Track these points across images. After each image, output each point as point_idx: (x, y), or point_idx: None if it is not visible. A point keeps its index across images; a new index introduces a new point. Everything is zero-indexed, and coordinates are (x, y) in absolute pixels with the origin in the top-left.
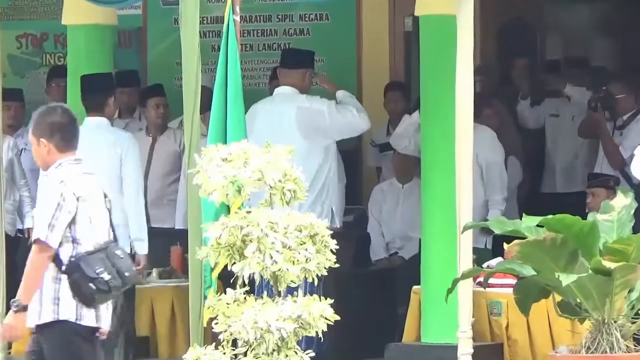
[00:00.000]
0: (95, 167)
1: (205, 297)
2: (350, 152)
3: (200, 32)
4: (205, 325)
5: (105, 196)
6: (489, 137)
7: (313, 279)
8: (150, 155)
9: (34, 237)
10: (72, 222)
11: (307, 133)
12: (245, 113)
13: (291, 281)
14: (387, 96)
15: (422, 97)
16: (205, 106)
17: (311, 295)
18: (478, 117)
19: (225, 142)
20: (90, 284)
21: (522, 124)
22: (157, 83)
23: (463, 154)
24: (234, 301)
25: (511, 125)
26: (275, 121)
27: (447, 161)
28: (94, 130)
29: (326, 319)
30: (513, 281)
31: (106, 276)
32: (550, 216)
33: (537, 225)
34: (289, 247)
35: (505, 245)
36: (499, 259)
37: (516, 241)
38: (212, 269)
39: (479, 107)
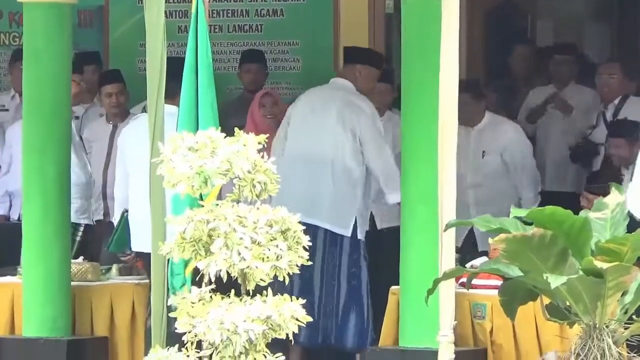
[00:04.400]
0: None
1: (174, 293)
2: None
3: (165, 11)
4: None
5: None
6: (513, 130)
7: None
8: (110, 144)
9: None
10: None
11: (346, 127)
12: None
13: (261, 279)
14: None
15: (403, 84)
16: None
17: None
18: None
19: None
20: None
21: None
22: (113, 69)
23: (446, 145)
24: (199, 300)
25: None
26: (317, 106)
27: (430, 153)
28: None
29: (297, 320)
30: (498, 282)
31: None
32: (539, 208)
33: (525, 223)
34: (258, 243)
35: (490, 240)
36: (484, 258)
37: (501, 236)
38: (185, 266)
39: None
